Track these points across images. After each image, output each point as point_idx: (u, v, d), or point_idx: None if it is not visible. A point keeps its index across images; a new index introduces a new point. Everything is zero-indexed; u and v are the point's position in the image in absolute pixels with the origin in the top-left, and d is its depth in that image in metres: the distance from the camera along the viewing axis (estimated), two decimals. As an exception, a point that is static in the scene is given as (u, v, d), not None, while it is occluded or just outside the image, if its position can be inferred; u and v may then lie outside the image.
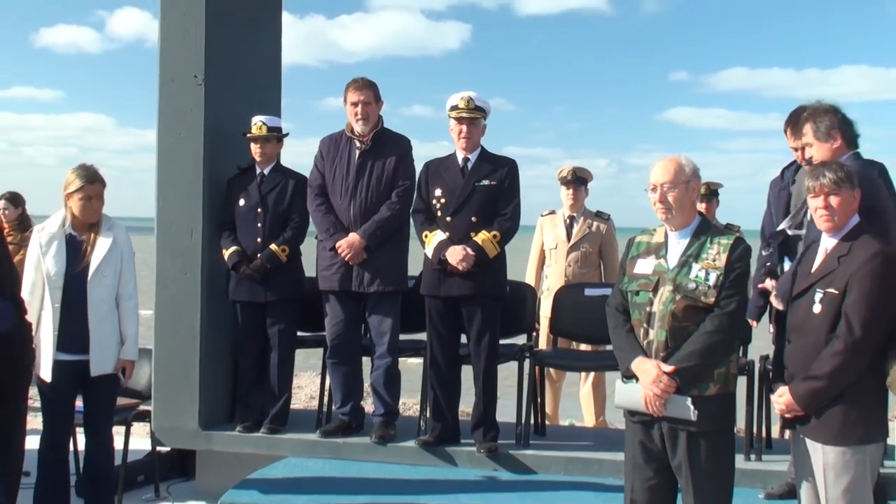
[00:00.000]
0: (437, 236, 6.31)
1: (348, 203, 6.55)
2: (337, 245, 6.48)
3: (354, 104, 6.56)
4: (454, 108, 6.42)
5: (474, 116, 6.37)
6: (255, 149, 6.88)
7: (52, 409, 5.86)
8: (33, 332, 5.62)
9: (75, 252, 5.83)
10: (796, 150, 5.62)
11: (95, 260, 5.82)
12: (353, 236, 6.45)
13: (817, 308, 4.61)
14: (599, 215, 8.62)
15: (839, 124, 5.32)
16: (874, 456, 4.63)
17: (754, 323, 6.03)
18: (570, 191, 8.54)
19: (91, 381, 5.86)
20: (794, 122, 5.59)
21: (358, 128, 6.58)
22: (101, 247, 5.85)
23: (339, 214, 6.59)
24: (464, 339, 6.47)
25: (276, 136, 6.96)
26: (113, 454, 6.18)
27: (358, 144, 6.59)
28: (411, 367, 7.11)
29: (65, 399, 5.86)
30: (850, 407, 4.54)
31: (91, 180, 5.83)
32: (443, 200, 6.39)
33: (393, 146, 6.64)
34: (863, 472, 4.58)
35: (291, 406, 7.19)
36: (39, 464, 5.88)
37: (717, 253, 4.66)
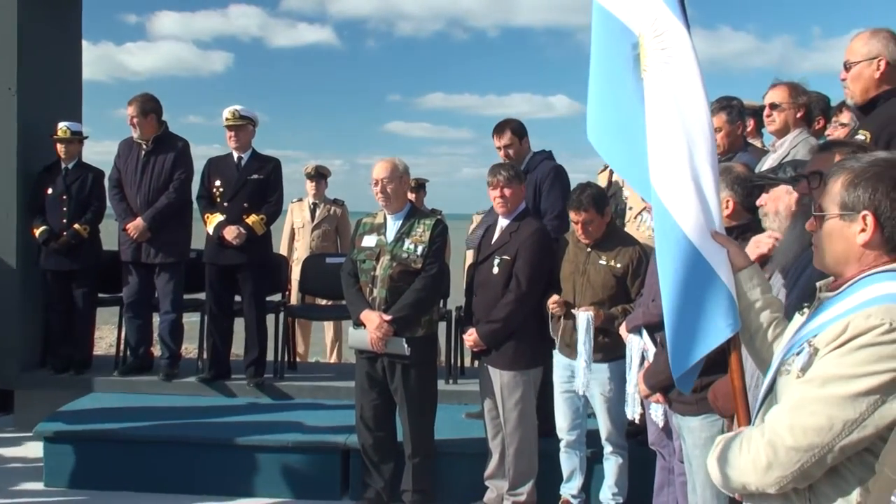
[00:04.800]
0: (216, 218, 6.19)
1: (136, 193, 6.39)
2: (126, 227, 6.31)
3: (128, 117, 6.40)
4: (226, 118, 6.31)
5: (240, 124, 6.27)
6: (60, 148, 6.61)
7: None
8: None
9: None
10: (499, 148, 5.59)
11: None
12: (139, 220, 6.28)
13: (496, 270, 4.79)
14: (336, 202, 8.60)
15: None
16: (536, 377, 4.87)
17: None
18: (314, 183, 8.49)
19: None
20: (500, 130, 5.62)
21: (134, 135, 6.44)
22: None
23: (130, 202, 6.41)
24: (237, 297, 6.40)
25: (77, 138, 6.70)
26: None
27: (143, 146, 6.40)
28: (191, 321, 6.92)
29: None
30: (519, 342, 4.76)
31: None
32: (221, 189, 6.27)
33: (171, 146, 6.47)
34: (528, 389, 4.81)
35: (94, 353, 6.95)
36: None
37: (423, 231, 4.79)
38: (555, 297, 4.66)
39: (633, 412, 4.26)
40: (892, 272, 1.91)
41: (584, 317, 4.52)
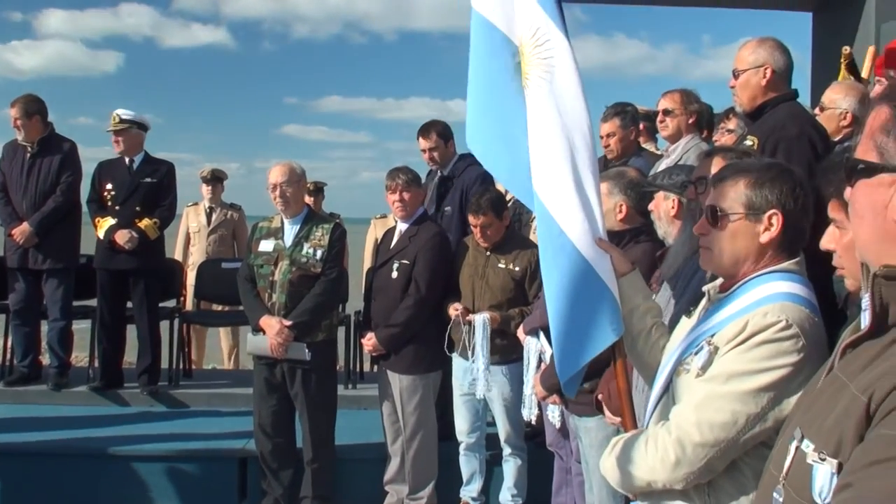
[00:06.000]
0: (107, 222, 6.03)
1: (21, 197, 6.16)
2: (12, 232, 6.09)
3: (12, 119, 6.19)
4: (110, 123, 6.17)
5: (123, 128, 6.12)
6: (-59, 151, 6.30)
7: None
8: None
9: None
10: (424, 151, 5.52)
11: None
12: (24, 225, 6.05)
13: (395, 274, 4.78)
14: (233, 206, 8.42)
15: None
16: (435, 380, 4.88)
17: None
18: (210, 187, 8.29)
19: None
20: (426, 132, 5.48)
21: (19, 137, 6.21)
22: None
23: (16, 206, 6.17)
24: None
25: (-42, 141, 6.39)
26: None
27: (28, 149, 6.17)
28: (81, 328, 6.70)
29: None
30: (418, 346, 4.76)
31: None
32: (112, 193, 6.11)
33: (58, 148, 6.25)
34: (427, 392, 4.81)
35: (-24, 363, 6.63)
36: None
37: (321, 235, 4.76)
38: (457, 306, 4.67)
39: (529, 414, 4.29)
40: (780, 272, 1.97)
41: (480, 319, 4.55)
